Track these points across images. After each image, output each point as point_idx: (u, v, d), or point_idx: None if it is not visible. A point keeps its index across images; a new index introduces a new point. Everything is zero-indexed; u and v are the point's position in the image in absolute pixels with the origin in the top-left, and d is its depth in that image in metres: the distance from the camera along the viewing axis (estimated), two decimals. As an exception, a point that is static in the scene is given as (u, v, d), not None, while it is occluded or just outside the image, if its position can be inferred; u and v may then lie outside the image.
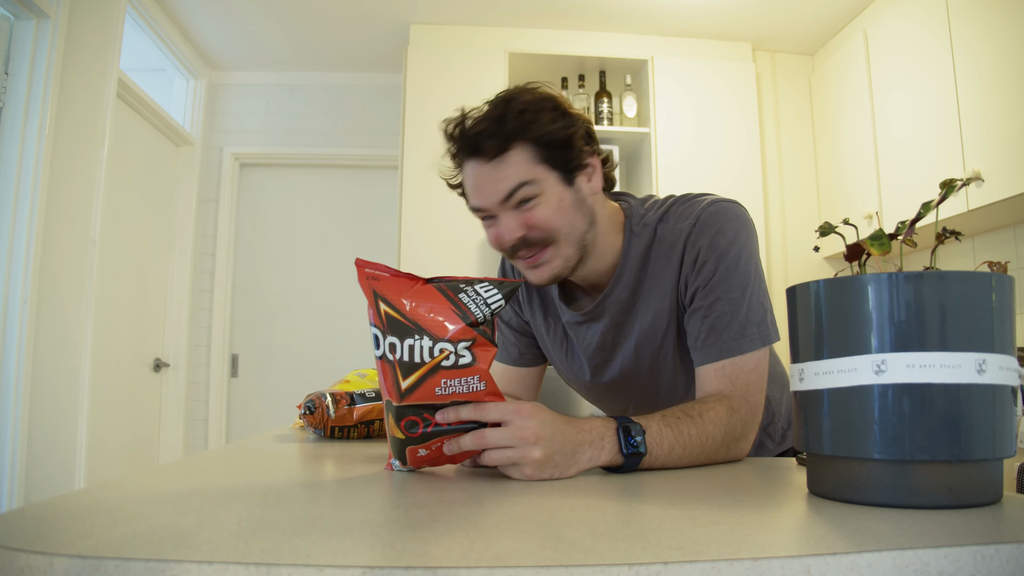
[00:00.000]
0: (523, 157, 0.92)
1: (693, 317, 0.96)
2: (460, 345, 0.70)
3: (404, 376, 0.70)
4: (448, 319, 0.70)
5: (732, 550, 0.41)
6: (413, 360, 0.69)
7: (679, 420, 0.81)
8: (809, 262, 3.24)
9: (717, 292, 0.94)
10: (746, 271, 0.94)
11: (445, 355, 0.69)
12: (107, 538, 0.42)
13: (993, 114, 2.25)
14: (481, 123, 0.92)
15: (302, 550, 0.40)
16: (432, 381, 0.69)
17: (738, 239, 0.95)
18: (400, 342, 0.70)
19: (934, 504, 0.52)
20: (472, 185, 0.95)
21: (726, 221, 0.96)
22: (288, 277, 3.75)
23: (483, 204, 0.95)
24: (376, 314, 0.72)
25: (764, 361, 0.93)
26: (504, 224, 0.94)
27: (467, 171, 0.96)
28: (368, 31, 3.34)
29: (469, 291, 0.73)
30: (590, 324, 1.07)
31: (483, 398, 0.71)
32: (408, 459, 0.73)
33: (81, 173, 2.56)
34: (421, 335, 0.69)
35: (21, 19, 2.33)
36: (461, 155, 0.96)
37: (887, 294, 0.54)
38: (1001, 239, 2.56)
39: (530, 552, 0.40)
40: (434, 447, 0.72)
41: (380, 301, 0.72)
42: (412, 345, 0.69)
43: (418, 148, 3.13)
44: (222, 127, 3.73)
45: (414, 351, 0.69)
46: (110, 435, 2.92)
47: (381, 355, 0.71)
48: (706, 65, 3.24)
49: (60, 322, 2.45)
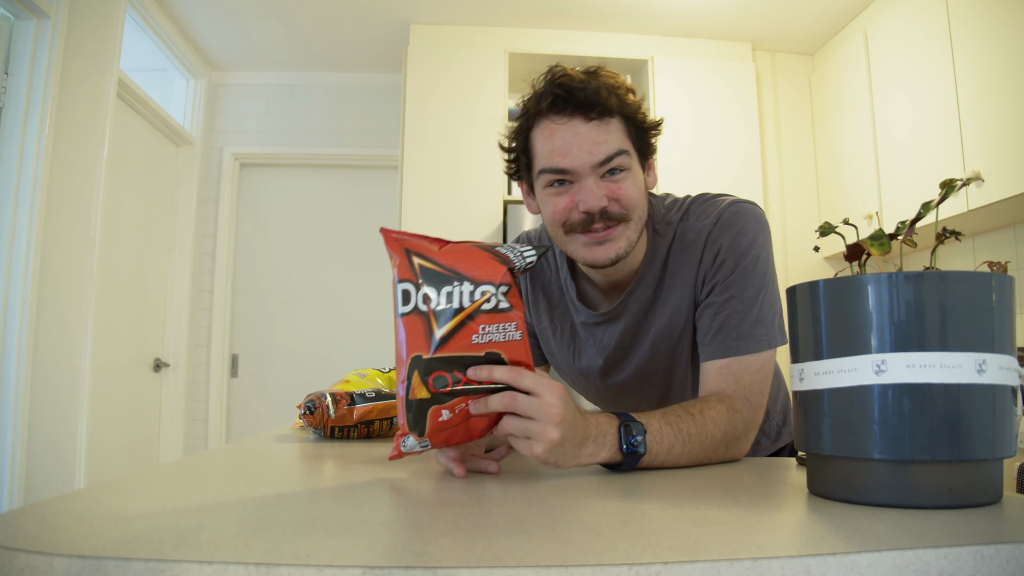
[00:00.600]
0: (621, 128, 0.92)
1: (705, 312, 0.96)
2: (501, 289, 0.69)
3: (440, 324, 0.68)
4: (487, 263, 0.70)
5: (732, 550, 0.41)
6: (451, 306, 0.68)
7: (679, 418, 0.81)
8: (809, 262, 3.24)
9: (732, 291, 0.94)
10: (762, 273, 0.95)
11: (486, 298, 0.68)
12: (107, 538, 0.42)
13: (993, 114, 2.25)
14: (588, 82, 0.90)
15: (302, 550, 0.40)
16: (470, 328, 0.68)
17: (757, 241, 0.96)
18: (437, 291, 0.68)
19: (934, 504, 0.52)
20: (561, 143, 0.91)
21: (747, 222, 0.96)
22: (288, 277, 3.75)
23: (572, 165, 0.91)
24: (408, 268, 0.70)
25: (770, 363, 0.93)
26: (590, 190, 0.91)
27: (556, 128, 0.91)
28: (368, 31, 3.34)
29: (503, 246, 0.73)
30: (608, 324, 1.05)
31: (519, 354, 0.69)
32: (428, 425, 0.69)
33: (81, 173, 2.56)
34: (461, 281, 0.68)
35: (21, 19, 2.33)
36: (555, 109, 0.91)
37: (887, 294, 0.54)
38: (1001, 239, 2.56)
39: (530, 552, 0.40)
40: (458, 409, 0.69)
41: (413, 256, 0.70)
42: (451, 292, 0.68)
43: (418, 148, 3.13)
44: (222, 127, 3.73)
45: (452, 297, 0.68)
46: (110, 435, 2.92)
47: (412, 309, 0.69)
48: (706, 65, 3.24)
49: (60, 322, 2.45)
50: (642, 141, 0.96)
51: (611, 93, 0.90)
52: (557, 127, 0.91)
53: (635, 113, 0.94)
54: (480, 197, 3.13)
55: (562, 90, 0.90)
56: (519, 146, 0.97)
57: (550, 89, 0.91)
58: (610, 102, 0.90)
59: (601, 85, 0.90)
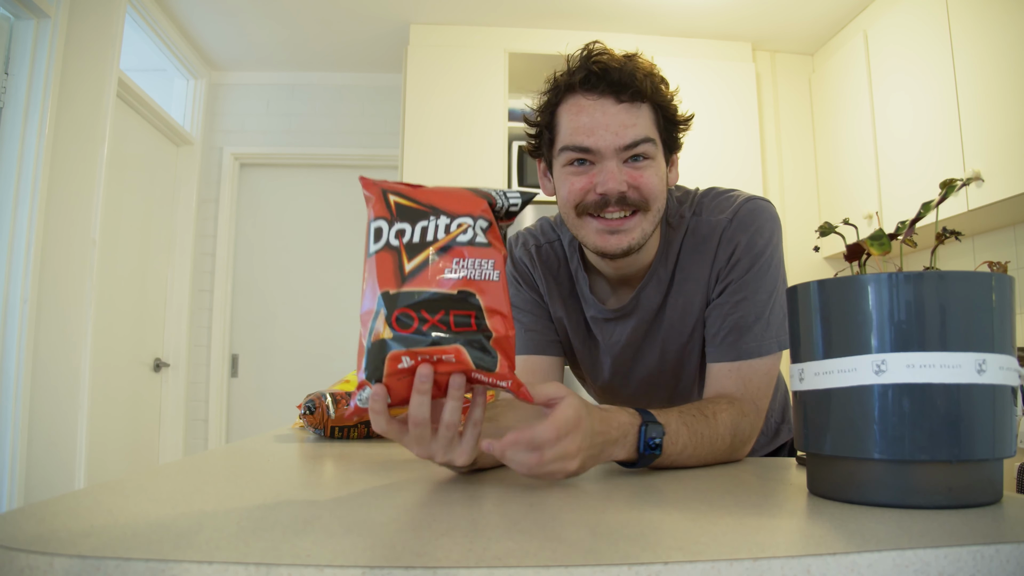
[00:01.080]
0: (650, 116, 0.90)
1: (716, 311, 0.95)
2: (479, 221, 0.63)
3: (411, 258, 0.62)
4: (467, 198, 0.64)
5: (732, 550, 0.41)
6: (424, 240, 0.62)
7: (695, 419, 0.80)
8: (809, 262, 3.24)
9: (745, 292, 0.92)
10: (775, 275, 0.94)
11: (462, 229, 0.62)
12: (107, 538, 0.42)
13: (993, 114, 2.25)
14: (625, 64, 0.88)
15: (302, 550, 0.40)
16: (443, 261, 0.61)
17: (772, 241, 0.94)
18: (411, 226, 0.63)
19: (934, 504, 0.52)
20: (588, 122, 0.88)
21: (764, 220, 0.94)
22: (288, 277, 3.75)
23: (596, 144, 0.88)
24: (384, 206, 0.65)
25: (776, 366, 0.93)
26: (611, 172, 0.88)
27: (584, 105, 0.89)
28: (368, 31, 3.34)
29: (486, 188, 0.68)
30: (619, 321, 1.03)
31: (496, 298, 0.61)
32: (385, 371, 0.60)
33: (81, 173, 2.56)
34: (437, 215, 0.63)
35: (21, 19, 2.33)
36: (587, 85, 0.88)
37: (887, 294, 0.54)
38: (1001, 239, 2.56)
39: (530, 552, 0.40)
40: (419, 359, 0.60)
41: (389, 194, 0.65)
42: (425, 226, 0.63)
43: (418, 148, 3.13)
44: (222, 127, 3.73)
45: (427, 231, 0.63)
46: (110, 435, 2.92)
47: (383, 245, 0.63)
48: (706, 65, 3.24)
49: (60, 322, 2.45)
50: (669, 134, 0.93)
51: (646, 78, 0.88)
52: (586, 104, 0.88)
53: (667, 103, 0.92)
54: (480, 197, 3.12)
55: (597, 66, 0.88)
56: (544, 120, 0.94)
57: (584, 64, 0.88)
58: (644, 86, 0.88)
59: (637, 68, 0.88)
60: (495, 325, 0.61)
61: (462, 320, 0.60)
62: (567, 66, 0.91)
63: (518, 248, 1.10)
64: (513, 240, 1.13)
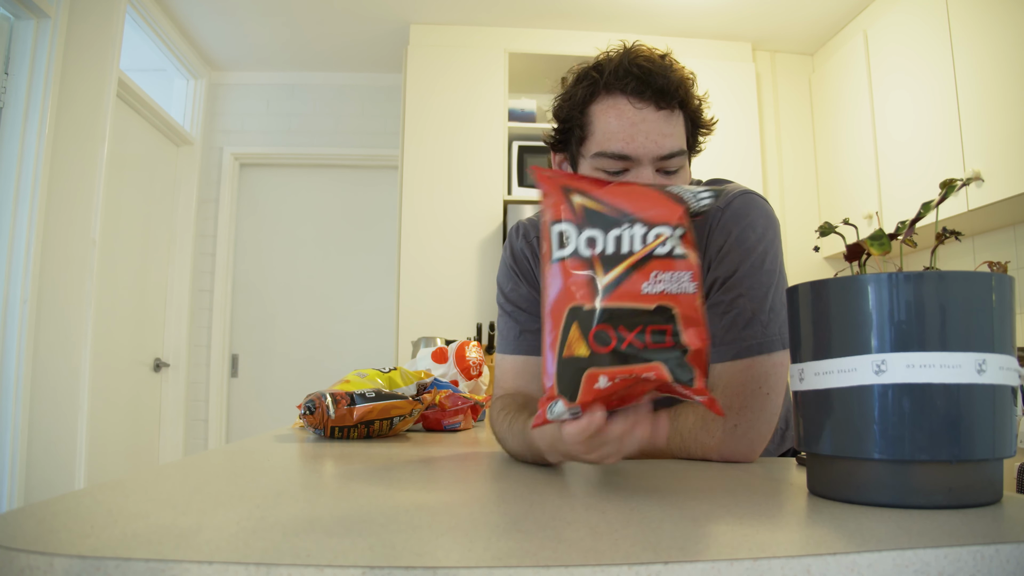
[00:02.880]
0: (682, 124, 0.89)
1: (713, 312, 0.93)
2: (677, 231, 0.60)
3: (606, 271, 0.59)
4: (661, 203, 0.61)
5: (732, 550, 0.41)
6: (619, 251, 0.59)
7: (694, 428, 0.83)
8: (809, 262, 3.24)
9: (740, 289, 0.91)
10: (771, 270, 0.92)
11: (661, 240, 0.59)
12: (107, 538, 0.42)
13: (993, 114, 2.25)
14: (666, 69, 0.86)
15: (302, 550, 0.40)
16: (640, 274, 0.58)
17: (766, 237, 0.93)
18: (603, 234, 0.60)
19: (934, 504, 0.52)
20: (630, 128, 0.86)
21: (757, 216, 0.93)
22: (288, 277, 3.75)
23: (636, 152, 0.86)
24: (568, 208, 0.61)
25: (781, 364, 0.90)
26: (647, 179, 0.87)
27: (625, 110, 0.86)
28: (368, 31, 3.34)
29: (673, 186, 0.63)
30: None
31: (692, 310, 0.59)
32: (582, 391, 0.58)
33: (81, 173, 2.56)
34: (631, 223, 0.60)
35: (21, 19, 2.33)
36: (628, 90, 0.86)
37: (887, 294, 0.54)
38: (1001, 239, 2.56)
39: (530, 552, 0.40)
40: (618, 380, 0.58)
41: (573, 194, 0.62)
42: (619, 236, 0.60)
43: (418, 148, 3.13)
44: (222, 127, 3.73)
45: (622, 241, 0.59)
46: (110, 435, 2.92)
47: (571, 253, 0.60)
48: (706, 65, 3.24)
49: (60, 322, 2.45)
50: (694, 139, 0.93)
51: (681, 84, 0.87)
52: (627, 109, 0.86)
53: (697, 110, 0.91)
54: (480, 197, 3.13)
55: (640, 71, 0.85)
56: (574, 116, 0.91)
57: (627, 68, 0.86)
58: (680, 94, 0.87)
59: (677, 76, 0.87)
60: (691, 339, 0.59)
61: (659, 336, 0.58)
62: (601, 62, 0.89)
63: (519, 240, 1.08)
64: (514, 231, 1.11)
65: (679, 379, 0.58)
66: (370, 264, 3.73)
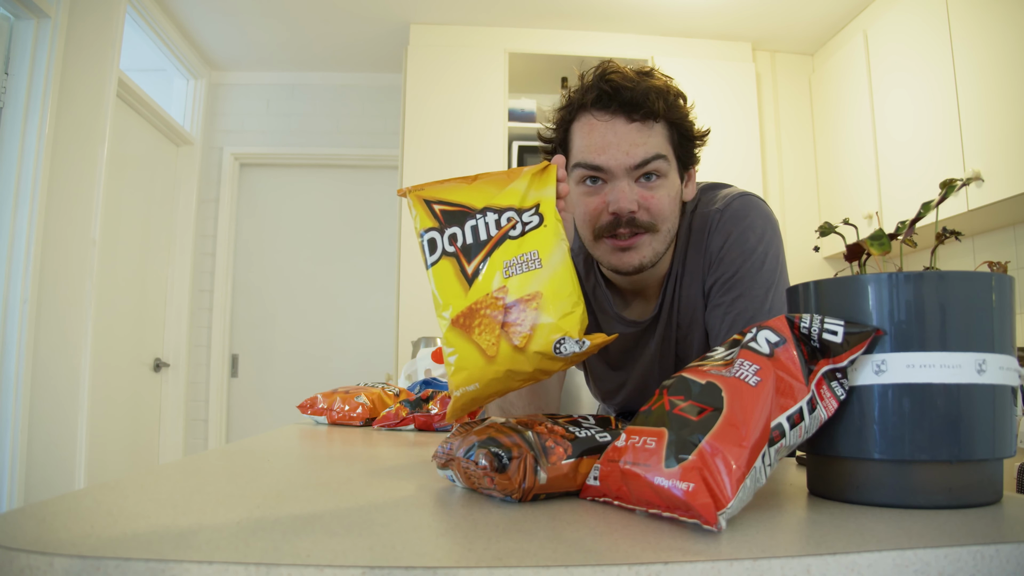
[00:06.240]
0: (663, 133, 0.91)
1: (714, 314, 0.94)
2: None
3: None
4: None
5: (732, 550, 0.41)
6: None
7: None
8: (809, 262, 3.24)
9: (739, 289, 0.92)
10: (771, 270, 0.93)
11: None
12: (107, 538, 0.42)
13: (993, 114, 2.25)
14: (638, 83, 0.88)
15: (302, 550, 0.40)
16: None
17: (765, 237, 0.94)
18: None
19: (934, 504, 0.52)
20: (600, 140, 0.89)
21: (756, 217, 0.94)
22: (288, 277, 3.75)
23: (608, 163, 0.89)
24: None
25: None
26: (622, 190, 0.89)
27: (596, 124, 0.90)
28: (368, 31, 3.34)
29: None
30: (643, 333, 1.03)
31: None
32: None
33: (81, 173, 2.56)
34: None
35: (21, 19, 2.33)
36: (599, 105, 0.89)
37: (887, 294, 0.54)
38: (1001, 239, 2.56)
39: (530, 552, 0.40)
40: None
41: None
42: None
43: (418, 148, 3.13)
44: (222, 127, 3.73)
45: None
46: (110, 435, 2.92)
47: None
48: (706, 65, 3.24)
49: (60, 322, 2.45)
50: (684, 149, 0.94)
51: (659, 97, 0.89)
52: (597, 123, 0.89)
53: (682, 120, 0.92)
54: (480, 197, 3.12)
55: (608, 86, 0.88)
56: (558, 137, 0.96)
57: (597, 84, 0.89)
58: (656, 106, 0.88)
59: (650, 88, 0.89)
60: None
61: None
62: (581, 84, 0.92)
63: None
64: None
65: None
66: (370, 264, 3.73)
